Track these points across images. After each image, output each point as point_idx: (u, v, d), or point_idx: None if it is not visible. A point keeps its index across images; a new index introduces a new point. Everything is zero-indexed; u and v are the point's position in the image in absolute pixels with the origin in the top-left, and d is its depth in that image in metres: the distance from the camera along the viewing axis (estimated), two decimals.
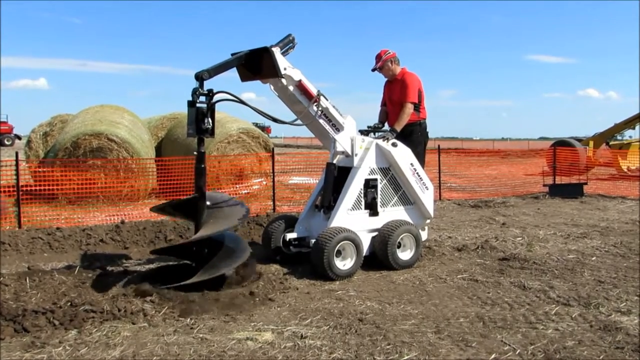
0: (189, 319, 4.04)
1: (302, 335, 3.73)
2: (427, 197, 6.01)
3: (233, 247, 4.88)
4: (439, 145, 13.30)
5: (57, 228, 7.15)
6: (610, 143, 19.74)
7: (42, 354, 3.42)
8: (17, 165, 8.08)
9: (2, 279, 4.75)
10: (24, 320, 3.82)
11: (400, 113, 6.29)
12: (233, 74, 5.35)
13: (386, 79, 6.74)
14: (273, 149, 11.06)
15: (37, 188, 9.39)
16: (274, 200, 9.74)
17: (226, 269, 4.74)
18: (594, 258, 6.04)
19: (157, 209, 5.11)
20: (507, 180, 14.74)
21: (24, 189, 8.62)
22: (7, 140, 41.72)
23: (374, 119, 6.73)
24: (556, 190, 12.07)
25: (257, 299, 4.48)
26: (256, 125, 57.20)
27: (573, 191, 11.93)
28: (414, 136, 6.44)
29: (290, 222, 5.93)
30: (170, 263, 5.61)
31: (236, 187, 10.83)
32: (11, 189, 8.40)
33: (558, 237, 7.28)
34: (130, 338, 3.69)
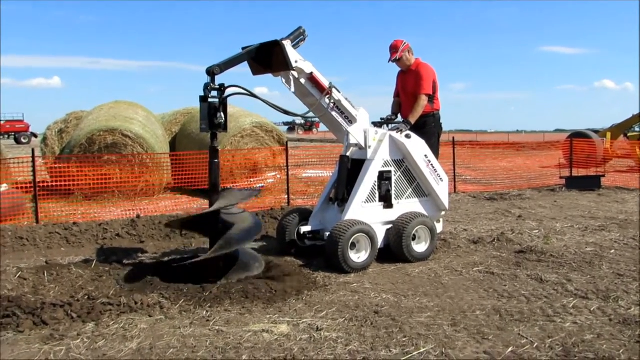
0: (204, 312, 4.06)
1: (317, 328, 3.74)
2: (442, 189, 5.97)
3: (246, 224, 4.90)
4: (453, 138, 13.20)
5: (74, 223, 7.22)
6: (629, 134, 19.49)
7: (60, 346, 3.46)
8: (33, 162, 8.16)
9: (21, 273, 4.81)
10: (43, 313, 3.87)
11: (414, 105, 6.25)
12: (245, 68, 5.37)
13: (399, 70, 6.70)
14: (287, 142, 11.06)
15: (54, 184, 9.49)
16: (288, 194, 9.75)
17: (240, 244, 4.76)
18: (612, 251, 5.97)
19: (171, 226, 5.22)
20: (523, 172, 14.60)
21: (41, 185, 8.71)
22: (24, 139, 42.28)
23: (384, 113, 6.71)
24: (573, 183, 11.93)
25: (273, 291, 4.49)
26: (305, 120, 57.39)
27: (590, 183, 11.79)
28: (428, 127, 6.40)
29: (304, 215, 5.94)
30: (185, 256, 5.67)
31: (250, 181, 10.86)
32: (28, 186, 8.50)
33: (575, 230, 7.20)
34: (147, 330, 3.72)
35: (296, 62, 5.15)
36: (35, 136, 41.41)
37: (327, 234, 5.35)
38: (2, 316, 3.81)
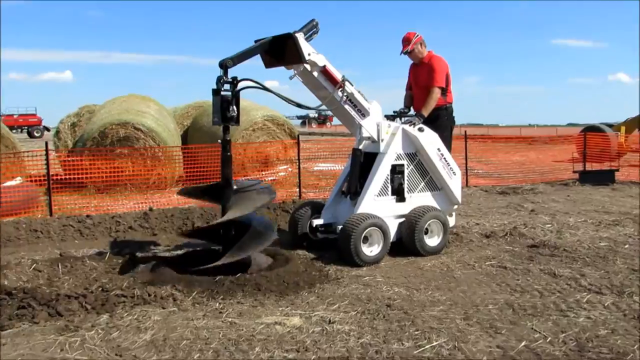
0: (217, 304, 4.08)
1: (330, 320, 3.74)
2: (454, 182, 5.95)
3: (260, 230, 4.91)
4: (465, 131, 13.14)
5: (87, 216, 7.28)
6: None
7: (75, 337, 3.49)
8: (47, 155, 8.23)
9: (35, 265, 4.85)
10: (58, 305, 3.91)
11: (427, 98, 6.22)
12: (257, 61, 5.37)
13: (412, 62, 6.67)
14: (298, 136, 11.08)
15: (67, 177, 9.57)
16: (299, 187, 9.77)
17: (253, 251, 4.78)
18: (626, 246, 5.91)
19: (184, 193, 5.22)
20: (535, 166, 14.49)
21: (54, 178, 8.78)
22: (37, 132, 42.64)
23: (396, 106, 6.68)
24: (586, 177, 11.84)
25: (286, 284, 4.50)
26: (319, 114, 57.34)
27: (604, 178, 11.69)
28: (441, 121, 6.36)
29: (316, 208, 5.94)
30: (198, 249, 5.70)
31: (262, 174, 10.88)
32: (42, 179, 8.58)
33: (589, 225, 7.15)
34: (161, 322, 3.75)
35: (309, 54, 5.13)
36: (48, 130, 41.70)
37: (340, 227, 5.35)
38: (18, 307, 3.86)
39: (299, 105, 5.49)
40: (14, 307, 3.85)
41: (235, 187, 4.92)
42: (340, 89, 5.39)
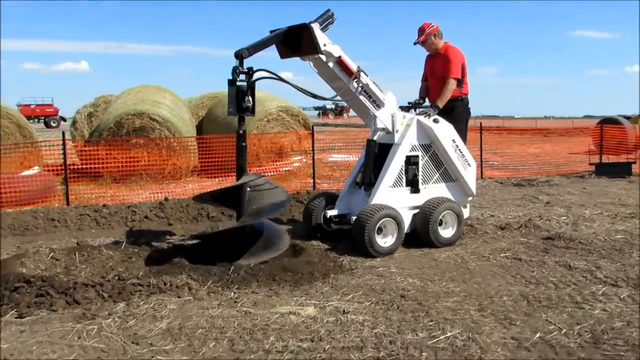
0: (232, 293, 4.11)
1: (344, 311, 3.76)
2: (469, 174, 5.92)
3: (273, 237, 5.00)
4: (480, 123, 13.06)
5: (104, 205, 7.35)
6: None
7: (92, 325, 3.54)
8: (64, 145, 8.31)
9: (53, 253, 4.91)
10: (75, 293, 3.95)
11: (442, 89, 6.18)
12: (272, 52, 5.36)
13: (428, 53, 6.62)
14: (312, 127, 11.06)
15: (83, 167, 9.66)
16: (313, 178, 9.77)
17: (267, 215, 4.81)
18: None
19: (200, 199, 5.30)
20: (551, 158, 14.38)
21: (71, 167, 8.86)
22: (53, 122, 43.03)
23: (411, 97, 6.65)
24: (603, 169, 11.72)
25: (300, 274, 4.52)
26: (336, 105, 57.51)
27: (621, 170, 11.56)
28: (456, 112, 6.33)
29: (330, 199, 5.95)
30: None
31: (276, 165, 10.90)
32: (59, 168, 8.67)
33: (605, 217, 7.08)
34: (176, 311, 3.79)
35: (324, 45, 5.12)
36: (64, 120, 42.07)
37: (354, 218, 5.35)
38: (36, 295, 3.90)
39: (314, 96, 5.50)
40: (33, 295, 3.90)
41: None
42: (356, 80, 5.37)
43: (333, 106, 64.28)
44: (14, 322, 3.61)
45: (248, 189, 4.86)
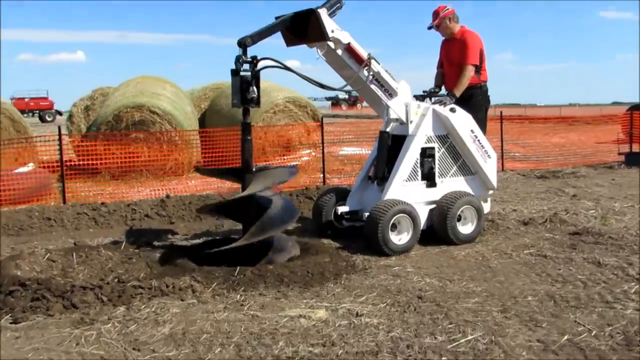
0: (238, 296, 4.10)
1: (357, 313, 3.74)
2: (489, 166, 5.88)
3: (281, 209, 4.92)
4: (500, 112, 12.98)
5: (102, 203, 7.38)
6: None
7: (91, 331, 3.54)
8: (60, 140, 8.34)
9: (49, 255, 4.93)
10: (73, 297, 3.95)
11: (459, 76, 6.12)
12: (278, 39, 5.34)
13: (443, 38, 6.57)
14: (322, 118, 11.04)
15: (81, 163, 9.70)
16: (323, 173, 9.76)
17: (274, 232, 4.79)
18: None
19: (204, 211, 5.35)
20: (577, 149, 14.30)
21: (68, 164, 8.91)
22: (49, 117, 43.25)
23: (426, 86, 6.59)
24: (633, 159, 11.60)
25: (310, 275, 4.50)
26: (349, 95, 57.66)
27: None
28: (474, 100, 6.27)
29: (341, 194, 5.93)
30: (217, 237, 5.74)
31: (284, 159, 10.89)
32: (55, 165, 8.71)
33: (636, 210, 7.01)
34: (179, 315, 3.78)
35: (332, 31, 5.09)
36: (60, 114, 42.27)
37: (366, 214, 5.33)
38: (32, 299, 3.91)
39: (321, 86, 5.47)
40: (28, 299, 3.91)
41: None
42: (366, 68, 5.34)
43: (346, 96, 64.16)
44: (9, 328, 3.62)
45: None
